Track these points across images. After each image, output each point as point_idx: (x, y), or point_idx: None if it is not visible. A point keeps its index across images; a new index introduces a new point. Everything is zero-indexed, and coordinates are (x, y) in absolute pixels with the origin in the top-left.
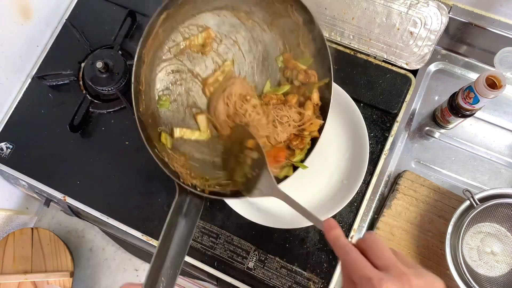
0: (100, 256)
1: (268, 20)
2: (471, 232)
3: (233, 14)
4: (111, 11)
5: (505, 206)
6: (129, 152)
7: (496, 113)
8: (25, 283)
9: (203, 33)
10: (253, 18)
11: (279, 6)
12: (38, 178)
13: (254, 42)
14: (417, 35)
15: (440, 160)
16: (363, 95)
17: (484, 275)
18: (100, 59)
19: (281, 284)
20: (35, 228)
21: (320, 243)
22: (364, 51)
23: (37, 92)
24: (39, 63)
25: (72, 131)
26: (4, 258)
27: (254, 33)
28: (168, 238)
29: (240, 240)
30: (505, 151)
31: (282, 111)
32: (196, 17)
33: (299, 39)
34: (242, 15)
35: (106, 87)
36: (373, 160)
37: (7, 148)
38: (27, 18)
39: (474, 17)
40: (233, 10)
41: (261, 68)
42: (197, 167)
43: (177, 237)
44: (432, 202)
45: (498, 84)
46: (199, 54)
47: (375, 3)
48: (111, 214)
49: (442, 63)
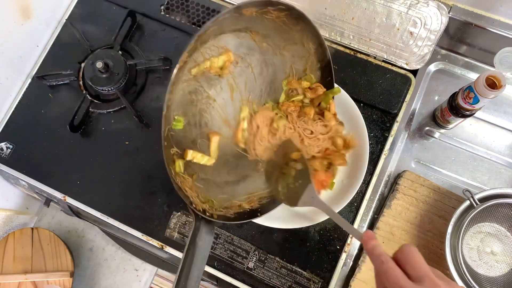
0: (100, 256)
1: (282, 45)
2: (471, 232)
3: (251, 36)
4: (111, 11)
5: (505, 206)
6: (129, 152)
7: (496, 113)
8: (25, 283)
9: (224, 56)
10: (268, 41)
11: (296, 34)
12: (38, 178)
13: (266, 65)
14: (417, 35)
15: (440, 160)
16: (363, 95)
17: (484, 275)
18: (100, 59)
19: (281, 284)
20: (35, 228)
21: (320, 243)
22: (364, 51)
23: (37, 92)
24: (39, 63)
25: (72, 131)
26: (4, 258)
27: (267, 56)
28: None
29: (240, 240)
30: (505, 151)
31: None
32: (217, 38)
33: (307, 65)
34: (259, 38)
35: (106, 87)
36: (373, 160)
37: (7, 148)
38: (27, 18)
39: (474, 17)
40: (252, 32)
41: (269, 90)
42: (202, 188)
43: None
44: (432, 202)
45: (498, 84)
46: (216, 75)
47: (375, 3)
48: (111, 214)
49: (442, 63)
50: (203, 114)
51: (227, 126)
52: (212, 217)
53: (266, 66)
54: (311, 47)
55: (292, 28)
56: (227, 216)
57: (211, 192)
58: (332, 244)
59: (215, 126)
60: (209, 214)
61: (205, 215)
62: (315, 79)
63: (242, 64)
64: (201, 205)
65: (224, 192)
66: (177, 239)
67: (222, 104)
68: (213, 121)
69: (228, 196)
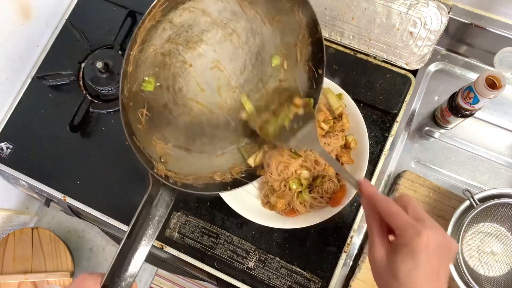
0: (100, 256)
1: (271, 14)
2: (471, 232)
3: (236, 1)
4: (111, 11)
5: (505, 206)
6: (129, 152)
7: (496, 113)
8: (25, 283)
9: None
10: (257, 9)
11: (286, 3)
12: (38, 178)
13: (252, 34)
14: (417, 35)
15: (440, 160)
16: (363, 95)
17: (484, 275)
18: (100, 59)
19: (281, 284)
20: (35, 228)
21: (320, 243)
22: (364, 51)
23: (37, 92)
24: (39, 63)
25: (72, 131)
26: (4, 258)
27: (254, 24)
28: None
29: (240, 240)
30: (505, 151)
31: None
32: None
33: (298, 39)
34: (246, 4)
35: (106, 87)
36: (373, 160)
37: (7, 148)
38: (27, 18)
39: (474, 17)
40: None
41: (254, 61)
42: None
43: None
44: (432, 202)
45: (498, 84)
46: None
47: (375, 3)
48: (111, 214)
49: (442, 63)
50: (176, 79)
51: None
52: (175, 184)
53: (253, 35)
54: (302, 18)
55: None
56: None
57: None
58: (332, 244)
59: (190, 92)
60: (172, 181)
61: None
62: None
63: (224, 30)
64: (165, 171)
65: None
66: (177, 239)
67: (200, 70)
68: (188, 86)
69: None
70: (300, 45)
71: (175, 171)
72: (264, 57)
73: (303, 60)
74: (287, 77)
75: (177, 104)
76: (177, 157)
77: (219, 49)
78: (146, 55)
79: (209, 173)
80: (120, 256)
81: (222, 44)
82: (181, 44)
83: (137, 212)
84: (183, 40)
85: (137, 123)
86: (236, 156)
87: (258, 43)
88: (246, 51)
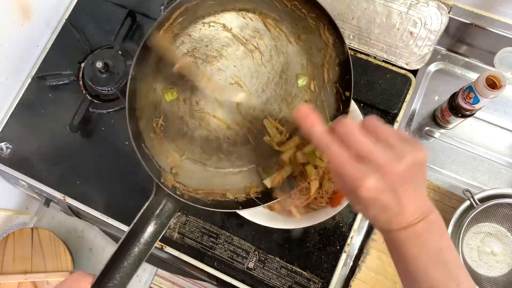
0: (100, 256)
1: (297, 32)
2: (471, 232)
3: (260, 18)
4: (111, 11)
5: (505, 206)
6: (129, 152)
7: (496, 113)
8: (25, 283)
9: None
10: (281, 27)
11: (311, 22)
12: (38, 178)
13: (276, 52)
14: (417, 35)
15: (440, 160)
16: (363, 95)
17: (484, 275)
18: (100, 59)
19: (281, 284)
20: (35, 228)
21: (320, 243)
22: (364, 51)
23: (37, 92)
24: (39, 63)
25: (72, 131)
26: (4, 258)
27: (278, 43)
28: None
29: (240, 240)
30: (505, 151)
31: None
32: (218, 15)
33: (325, 60)
34: (270, 22)
35: (106, 87)
36: None
37: (7, 148)
38: (27, 18)
39: (474, 17)
40: (261, 14)
41: (278, 80)
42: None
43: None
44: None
45: (498, 84)
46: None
47: (375, 3)
48: (111, 214)
49: (442, 63)
50: (194, 92)
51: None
52: (182, 197)
53: (277, 53)
54: (328, 37)
55: (306, 14)
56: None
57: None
58: (332, 244)
59: (208, 106)
60: (179, 193)
61: (175, 193)
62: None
63: (246, 47)
64: (173, 182)
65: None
66: (177, 239)
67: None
68: (206, 100)
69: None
70: (327, 65)
71: (184, 183)
72: (288, 76)
73: (330, 82)
74: (314, 98)
75: (194, 117)
76: (190, 170)
77: (240, 65)
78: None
79: (222, 190)
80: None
81: (243, 60)
82: (200, 58)
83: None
84: (202, 54)
85: (150, 132)
86: (253, 176)
87: (283, 62)
88: (269, 69)
